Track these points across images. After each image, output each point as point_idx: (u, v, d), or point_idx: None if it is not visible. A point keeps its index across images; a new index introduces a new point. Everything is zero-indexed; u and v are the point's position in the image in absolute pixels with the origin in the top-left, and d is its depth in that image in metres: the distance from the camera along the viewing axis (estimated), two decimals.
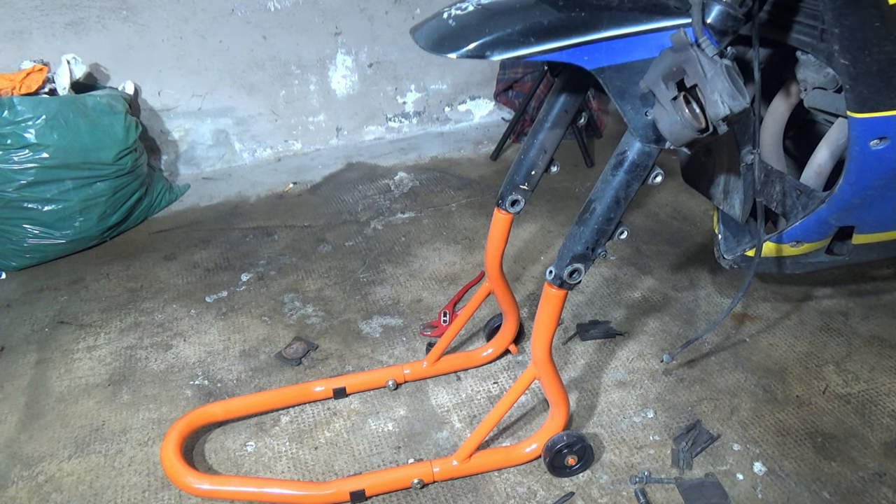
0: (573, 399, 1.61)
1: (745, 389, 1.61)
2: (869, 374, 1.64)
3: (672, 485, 1.38)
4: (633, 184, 1.13)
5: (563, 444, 1.37)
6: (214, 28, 2.66)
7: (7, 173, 2.10)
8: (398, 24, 2.93)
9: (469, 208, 2.51)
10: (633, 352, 1.75)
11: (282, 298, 2.03)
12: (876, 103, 1.13)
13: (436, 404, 1.62)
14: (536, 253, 2.21)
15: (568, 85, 1.33)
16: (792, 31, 1.24)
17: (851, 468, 1.41)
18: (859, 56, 1.10)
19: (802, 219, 1.32)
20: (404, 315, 1.94)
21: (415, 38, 1.10)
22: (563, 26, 1.01)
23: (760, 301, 1.90)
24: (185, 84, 2.72)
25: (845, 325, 1.80)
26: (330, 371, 1.74)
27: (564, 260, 1.19)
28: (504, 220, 1.46)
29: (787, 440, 1.48)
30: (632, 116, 1.07)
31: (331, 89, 2.98)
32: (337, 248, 2.30)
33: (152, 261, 2.27)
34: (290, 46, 2.81)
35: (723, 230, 1.52)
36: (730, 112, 0.96)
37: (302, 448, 1.52)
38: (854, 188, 1.23)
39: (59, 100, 2.18)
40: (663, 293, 1.97)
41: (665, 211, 2.41)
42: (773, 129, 1.46)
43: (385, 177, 2.79)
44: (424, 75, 3.12)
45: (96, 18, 2.48)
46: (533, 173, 1.40)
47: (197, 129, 2.84)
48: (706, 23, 1.02)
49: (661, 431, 1.51)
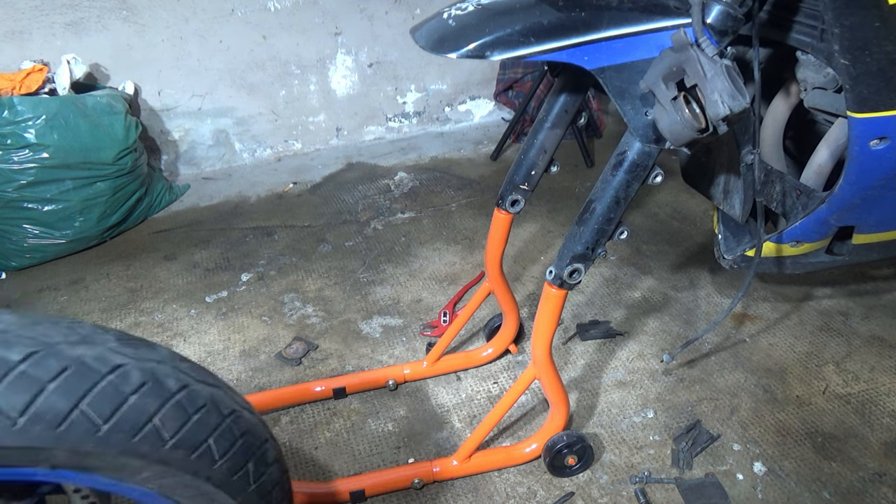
0: (573, 399, 1.61)
1: (745, 389, 1.61)
2: (869, 374, 1.64)
3: (672, 485, 1.38)
4: (633, 184, 1.13)
5: (563, 444, 1.37)
6: (214, 28, 2.66)
7: (7, 173, 2.10)
8: (398, 24, 2.93)
9: (469, 208, 2.51)
10: (633, 352, 1.75)
11: (282, 298, 2.03)
12: (876, 103, 1.13)
13: (436, 404, 1.62)
14: (536, 253, 2.21)
15: (568, 85, 1.33)
16: (792, 31, 1.24)
17: (851, 468, 1.41)
18: (859, 56, 1.10)
19: (802, 219, 1.31)
20: (404, 315, 1.94)
21: (415, 39, 1.10)
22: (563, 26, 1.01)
23: (760, 301, 1.90)
24: (185, 84, 2.72)
25: (845, 325, 1.80)
26: (330, 371, 1.74)
27: (564, 260, 1.19)
28: (504, 220, 1.46)
29: (787, 440, 1.48)
30: (632, 116, 1.07)
31: (331, 89, 2.98)
32: (337, 248, 2.30)
33: (152, 261, 2.26)
34: (290, 46, 2.81)
35: (723, 230, 1.52)
36: (730, 112, 0.96)
37: (302, 448, 1.52)
38: (854, 188, 1.23)
39: (59, 100, 2.18)
40: (663, 293, 1.97)
41: (665, 211, 2.41)
42: (773, 129, 1.46)
43: (385, 177, 2.79)
44: (424, 75, 3.12)
45: (96, 18, 2.48)
46: (533, 173, 1.40)
47: (197, 129, 2.84)
48: (706, 23, 1.02)
49: (661, 431, 1.51)
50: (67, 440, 0.64)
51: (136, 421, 0.67)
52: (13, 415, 0.61)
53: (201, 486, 0.75)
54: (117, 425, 0.66)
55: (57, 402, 0.63)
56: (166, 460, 0.71)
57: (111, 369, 0.67)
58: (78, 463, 0.67)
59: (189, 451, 0.72)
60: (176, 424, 0.71)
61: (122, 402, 0.67)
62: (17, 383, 0.62)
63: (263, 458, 0.83)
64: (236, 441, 0.78)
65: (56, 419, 0.63)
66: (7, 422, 0.61)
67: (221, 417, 0.76)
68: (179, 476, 0.73)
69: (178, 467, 0.72)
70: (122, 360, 0.69)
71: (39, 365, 0.64)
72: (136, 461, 0.69)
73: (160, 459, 0.70)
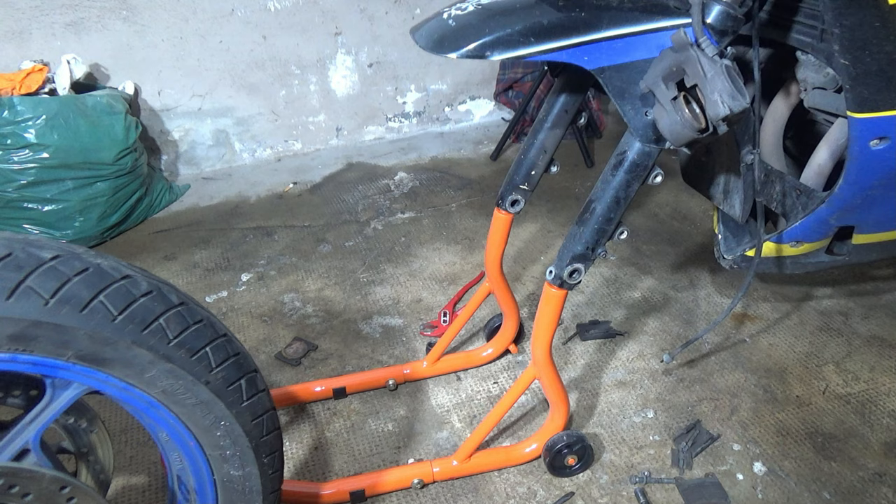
0: (573, 399, 1.61)
1: (745, 389, 1.61)
2: (869, 374, 1.64)
3: (672, 485, 1.38)
4: (633, 184, 1.13)
5: (563, 444, 1.37)
6: (214, 28, 2.66)
7: (7, 173, 2.10)
8: (398, 24, 2.93)
9: (469, 208, 2.51)
10: (633, 352, 1.75)
11: (282, 298, 2.03)
12: (876, 103, 1.13)
13: (436, 404, 1.62)
14: (536, 253, 2.21)
15: (568, 85, 1.33)
16: (792, 31, 1.24)
17: (851, 468, 1.41)
18: (859, 56, 1.10)
19: (802, 219, 1.31)
20: (404, 315, 1.94)
21: (415, 39, 1.10)
22: (563, 26, 1.01)
23: (760, 301, 1.90)
24: (185, 84, 2.72)
25: (845, 325, 1.80)
26: (330, 371, 1.74)
27: (564, 260, 1.19)
28: (504, 220, 1.46)
29: (787, 440, 1.48)
30: (632, 116, 1.07)
31: (331, 89, 2.98)
32: (337, 248, 2.30)
33: (152, 261, 2.26)
34: (290, 46, 2.81)
35: (723, 230, 1.52)
36: (730, 112, 0.95)
37: (302, 448, 1.52)
38: (854, 188, 1.23)
39: (59, 100, 2.18)
40: (663, 293, 1.97)
41: (665, 211, 2.41)
42: (773, 129, 1.46)
43: (385, 177, 2.79)
44: (424, 75, 3.12)
45: (96, 18, 2.48)
46: (533, 173, 1.40)
47: (197, 129, 2.84)
48: (706, 23, 1.02)
49: (661, 431, 1.51)
50: (89, 324, 0.76)
51: (144, 317, 0.80)
52: (45, 295, 0.74)
53: (201, 391, 0.86)
54: (129, 317, 0.79)
55: (80, 291, 0.76)
56: (170, 356, 0.82)
57: (123, 276, 0.80)
58: (96, 354, 0.78)
59: (190, 352, 0.84)
60: (178, 328, 0.83)
61: (132, 300, 0.79)
62: (47, 273, 0.75)
63: (254, 383, 0.93)
64: (230, 357, 0.89)
65: (79, 304, 0.76)
66: (40, 300, 0.73)
67: (216, 334, 0.88)
68: (182, 376, 0.84)
69: (181, 365, 0.83)
70: (133, 272, 0.82)
71: (66, 263, 0.77)
72: (145, 353, 0.80)
73: (165, 355, 0.81)
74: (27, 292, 0.73)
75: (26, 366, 0.76)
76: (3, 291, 0.72)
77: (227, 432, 0.90)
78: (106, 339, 0.77)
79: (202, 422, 0.88)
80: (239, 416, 0.90)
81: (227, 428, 0.90)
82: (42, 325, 0.74)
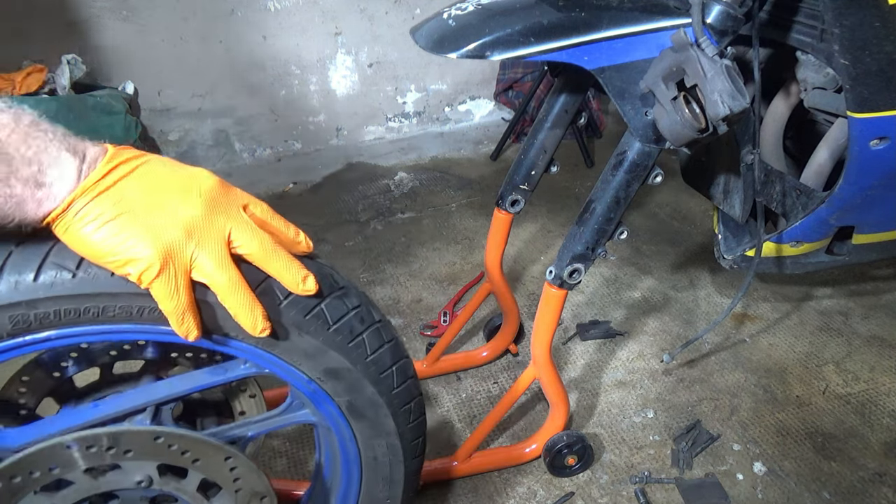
0: (573, 399, 1.61)
1: (745, 389, 1.61)
2: (869, 374, 1.64)
3: (672, 485, 1.38)
4: (633, 184, 1.13)
5: (563, 444, 1.37)
6: (214, 28, 2.66)
7: None
8: (398, 24, 2.93)
9: (469, 208, 2.51)
10: (633, 352, 1.75)
11: None
12: (876, 103, 1.13)
13: (436, 404, 1.62)
14: (536, 253, 2.21)
15: (568, 85, 1.33)
16: (792, 31, 1.24)
17: (851, 468, 1.41)
18: (859, 56, 1.10)
19: (802, 219, 1.31)
20: (404, 315, 1.94)
21: (415, 39, 1.10)
22: (563, 26, 1.01)
23: (760, 301, 1.90)
24: (185, 84, 2.72)
25: (845, 325, 1.80)
26: None
27: (564, 260, 1.19)
28: (504, 220, 1.46)
29: (787, 440, 1.48)
30: (632, 116, 1.07)
31: (331, 89, 2.98)
32: (337, 247, 2.29)
33: None
34: (290, 46, 2.81)
35: (723, 230, 1.52)
36: (730, 112, 0.95)
37: (302, 448, 1.52)
38: (854, 188, 1.23)
39: (59, 100, 2.18)
40: (663, 293, 1.97)
41: (665, 211, 2.41)
42: (773, 129, 1.46)
43: (385, 177, 2.79)
44: (424, 75, 3.12)
45: (96, 18, 2.48)
46: (533, 173, 1.40)
47: (197, 129, 2.84)
48: (706, 23, 1.01)
49: (661, 431, 1.51)
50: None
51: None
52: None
53: (353, 374, 0.87)
54: (293, 302, 0.80)
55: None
56: (333, 342, 0.84)
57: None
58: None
59: (347, 338, 0.85)
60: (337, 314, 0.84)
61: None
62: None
63: (405, 370, 0.94)
64: (384, 344, 0.89)
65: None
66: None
67: (373, 320, 0.89)
68: (336, 357, 0.85)
69: (338, 350, 0.84)
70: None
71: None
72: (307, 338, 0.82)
73: (326, 341, 0.83)
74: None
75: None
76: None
77: (379, 420, 0.92)
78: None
79: (361, 409, 0.91)
80: (391, 402, 0.92)
81: (381, 415, 0.92)
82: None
